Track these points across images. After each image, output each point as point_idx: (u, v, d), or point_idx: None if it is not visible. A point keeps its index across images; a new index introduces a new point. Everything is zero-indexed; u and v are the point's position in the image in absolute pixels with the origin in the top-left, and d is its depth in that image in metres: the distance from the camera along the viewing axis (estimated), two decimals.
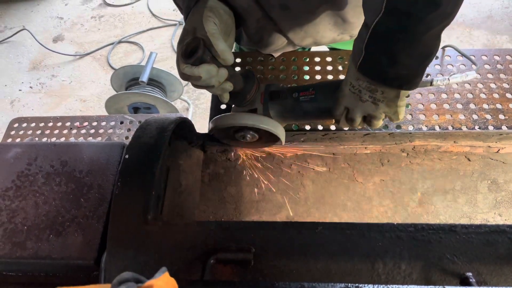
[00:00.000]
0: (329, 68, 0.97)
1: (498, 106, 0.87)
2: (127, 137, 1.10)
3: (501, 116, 0.85)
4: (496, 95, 0.88)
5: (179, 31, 2.77)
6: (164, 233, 0.52)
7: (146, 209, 0.54)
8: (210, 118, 0.93)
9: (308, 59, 0.98)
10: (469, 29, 2.66)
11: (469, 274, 0.45)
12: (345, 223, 0.48)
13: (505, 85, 0.90)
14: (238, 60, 1.00)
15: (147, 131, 0.61)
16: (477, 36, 2.62)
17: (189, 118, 2.34)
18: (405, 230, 0.47)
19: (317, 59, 0.98)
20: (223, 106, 0.94)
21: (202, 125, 2.29)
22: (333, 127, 0.87)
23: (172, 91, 2.10)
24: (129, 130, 1.11)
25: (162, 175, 0.67)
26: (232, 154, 0.87)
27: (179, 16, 2.86)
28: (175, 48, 2.64)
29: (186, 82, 2.45)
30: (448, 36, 2.63)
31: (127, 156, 0.57)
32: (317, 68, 0.96)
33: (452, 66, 0.94)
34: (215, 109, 0.93)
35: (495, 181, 0.88)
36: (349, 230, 0.48)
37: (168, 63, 2.62)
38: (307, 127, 0.88)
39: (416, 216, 0.89)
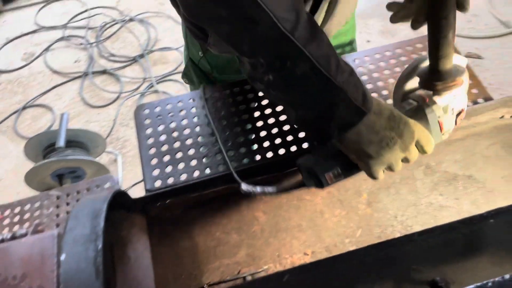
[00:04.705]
0: None
1: None
2: (57, 215, 1.01)
3: None
4: None
5: (87, 82, 2.65)
6: None
7: None
8: (143, 165, 0.88)
9: None
10: (364, 20, 2.84)
11: (437, 278, 0.46)
12: (310, 264, 0.47)
13: None
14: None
15: (79, 220, 0.56)
16: (372, 25, 2.81)
17: (119, 169, 2.24)
18: (367, 253, 0.47)
19: None
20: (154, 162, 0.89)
21: (135, 174, 2.20)
22: None
23: (95, 147, 1.99)
24: (57, 206, 1.03)
25: (107, 256, 0.62)
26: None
27: (82, 67, 2.73)
28: (87, 100, 2.53)
29: (107, 134, 2.35)
30: None
31: (63, 257, 0.51)
32: None
33: None
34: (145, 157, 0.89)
35: (428, 165, 0.93)
36: (315, 269, 0.47)
37: (82, 117, 2.49)
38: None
39: (367, 216, 0.91)
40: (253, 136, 0.90)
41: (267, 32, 0.55)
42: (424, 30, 0.71)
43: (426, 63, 0.69)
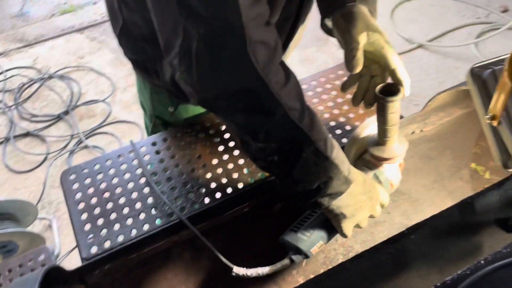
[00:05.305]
0: None
1: (332, 123, 0.98)
2: None
3: (338, 131, 0.96)
4: (326, 115, 1.00)
5: (9, 147, 2.50)
6: None
7: None
8: (76, 233, 0.85)
9: None
10: None
11: None
12: None
13: (330, 103, 1.02)
14: None
15: None
16: (292, 56, 2.94)
17: (55, 235, 2.11)
18: None
19: None
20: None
21: (74, 237, 2.08)
22: None
23: (26, 216, 1.87)
24: None
25: None
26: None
27: (3, 133, 2.58)
28: (11, 167, 2.38)
29: (38, 199, 2.22)
30: None
31: None
32: None
33: None
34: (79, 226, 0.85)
35: None
36: None
37: (8, 186, 2.33)
38: None
39: None
40: (192, 183, 0.91)
41: (281, 122, 0.61)
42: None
43: (372, 127, 0.82)
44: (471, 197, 0.71)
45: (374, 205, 0.73)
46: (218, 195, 0.89)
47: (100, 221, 0.84)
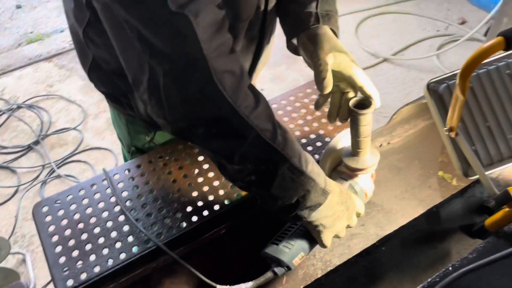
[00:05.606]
0: None
1: (303, 140, 1.00)
2: None
3: (309, 148, 0.99)
4: (297, 133, 1.02)
5: None
6: None
7: None
8: (50, 267, 0.83)
9: None
10: None
11: None
12: None
13: (300, 121, 1.05)
14: None
15: None
16: (262, 73, 2.99)
17: (30, 269, 2.04)
18: None
19: None
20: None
21: (48, 271, 2.01)
22: None
23: None
24: None
25: None
26: None
27: None
28: None
29: (10, 233, 2.15)
30: None
31: None
32: None
33: None
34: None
35: None
36: None
37: None
38: None
39: None
40: (168, 208, 0.90)
41: (254, 143, 0.63)
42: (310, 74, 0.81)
43: (346, 140, 0.85)
44: (437, 205, 0.73)
45: (351, 214, 0.75)
46: (194, 218, 0.89)
47: (75, 253, 0.83)
